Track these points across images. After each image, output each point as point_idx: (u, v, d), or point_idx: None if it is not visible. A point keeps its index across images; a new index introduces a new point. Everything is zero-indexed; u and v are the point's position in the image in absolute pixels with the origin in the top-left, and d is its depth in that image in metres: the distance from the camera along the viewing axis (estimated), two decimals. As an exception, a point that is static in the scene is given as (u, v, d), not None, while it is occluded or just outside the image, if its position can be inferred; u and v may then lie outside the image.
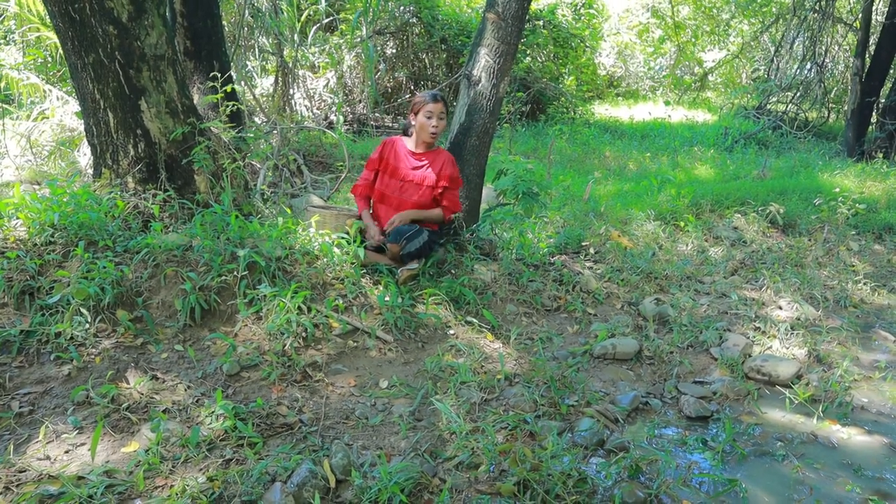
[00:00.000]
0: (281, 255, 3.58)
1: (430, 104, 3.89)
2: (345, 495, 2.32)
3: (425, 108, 3.90)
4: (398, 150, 4.08)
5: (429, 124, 3.91)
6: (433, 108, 3.90)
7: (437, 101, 3.90)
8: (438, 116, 3.91)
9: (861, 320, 4.58)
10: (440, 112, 3.92)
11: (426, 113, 3.90)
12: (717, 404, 3.22)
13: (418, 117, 3.93)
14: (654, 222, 5.76)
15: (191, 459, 2.46)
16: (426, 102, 3.90)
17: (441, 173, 4.00)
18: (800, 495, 2.53)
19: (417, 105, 3.94)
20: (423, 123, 3.92)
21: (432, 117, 3.90)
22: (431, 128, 3.91)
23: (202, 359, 3.15)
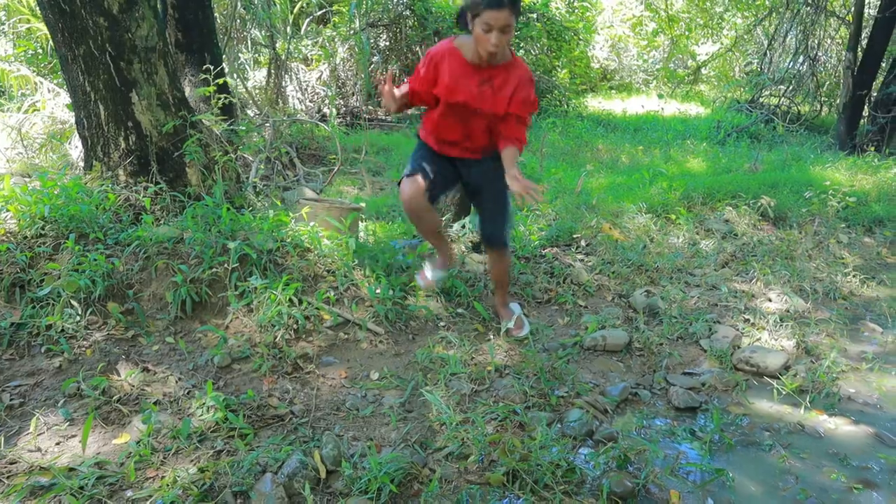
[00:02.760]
0: (272, 248, 3.59)
1: (490, 11, 2.70)
2: (335, 485, 2.34)
3: (483, 17, 2.74)
4: (456, 61, 3.03)
5: (487, 40, 2.78)
6: (493, 19, 2.71)
7: (502, 6, 2.69)
8: (500, 30, 2.75)
9: (850, 312, 4.62)
10: (504, 25, 2.74)
11: (483, 25, 2.75)
12: (706, 395, 3.25)
13: (475, 25, 2.81)
14: (645, 215, 5.78)
15: (182, 451, 2.47)
16: (486, 8, 2.71)
17: (514, 96, 3.05)
18: (786, 484, 2.56)
19: (475, 9, 2.76)
20: (478, 36, 2.82)
21: (492, 31, 2.75)
22: (491, 46, 2.80)
23: (193, 351, 3.15)
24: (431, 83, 3.12)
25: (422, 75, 3.13)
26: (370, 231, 4.61)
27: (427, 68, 3.10)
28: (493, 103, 3.06)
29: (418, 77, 3.15)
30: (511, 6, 2.72)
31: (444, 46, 3.06)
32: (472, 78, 3.03)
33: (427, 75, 3.11)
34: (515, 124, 3.13)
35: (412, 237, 4.71)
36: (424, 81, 3.13)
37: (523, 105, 3.09)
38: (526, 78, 3.06)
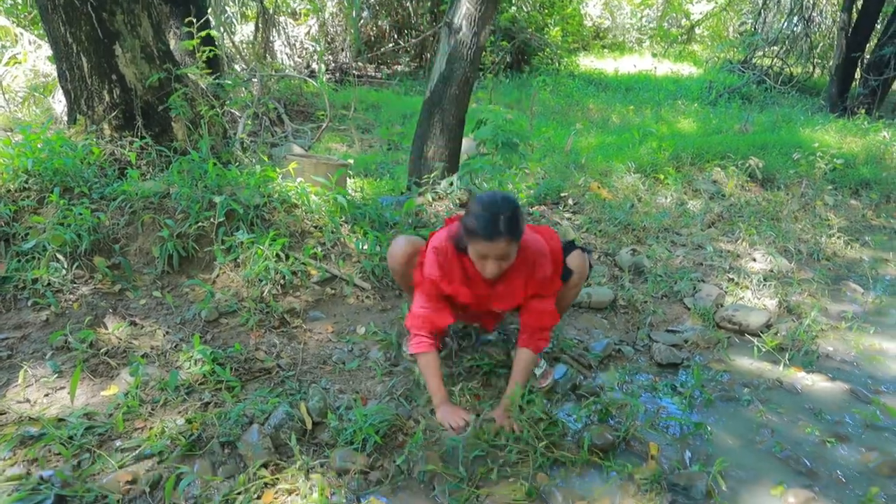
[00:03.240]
0: (259, 203, 3.58)
1: (483, 243, 2.27)
2: (321, 437, 2.38)
3: (476, 247, 2.32)
4: (462, 267, 2.56)
5: (483, 267, 2.37)
6: (487, 250, 2.29)
7: (497, 237, 2.25)
8: (497, 258, 2.32)
9: (832, 273, 4.68)
10: (501, 255, 2.30)
11: (476, 253, 2.34)
12: (688, 352, 3.31)
13: (469, 250, 2.38)
14: (634, 175, 5.79)
15: (170, 402, 2.49)
16: (478, 238, 2.27)
17: (528, 283, 2.56)
18: (762, 437, 2.62)
19: (469, 236, 2.32)
20: (476, 262, 2.39)
21: (487, 259, 2.33)
22: (488, 274, 2.37)
23: (180, 305, 3.16)
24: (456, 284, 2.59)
25: (445, 283, 2.56)
26: (358, 187, 4.60)
27: (440, 277, 2.55)
28: (505, 300, 2.61)
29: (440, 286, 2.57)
30: (508, 235, 2.25)
31: (445, 247, 2.54)
32: (479, 286, 2.57)
33: (449, 282, 2.57)
34: (539, 305, 2.59)
35: (400, 194, 4.70)
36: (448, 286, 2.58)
37: (544, 286, 2.57)
38: (536, 257, 2.53)
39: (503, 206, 2.27)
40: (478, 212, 2.26)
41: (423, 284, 2.58)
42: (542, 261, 2.54)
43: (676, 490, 2.25)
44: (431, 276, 2.54)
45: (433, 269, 2.53)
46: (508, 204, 2.28)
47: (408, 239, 2.77)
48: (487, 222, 2.23)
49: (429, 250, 2.58)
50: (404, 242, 2.75)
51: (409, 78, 11.56)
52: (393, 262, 2.79)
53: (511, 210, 2.26)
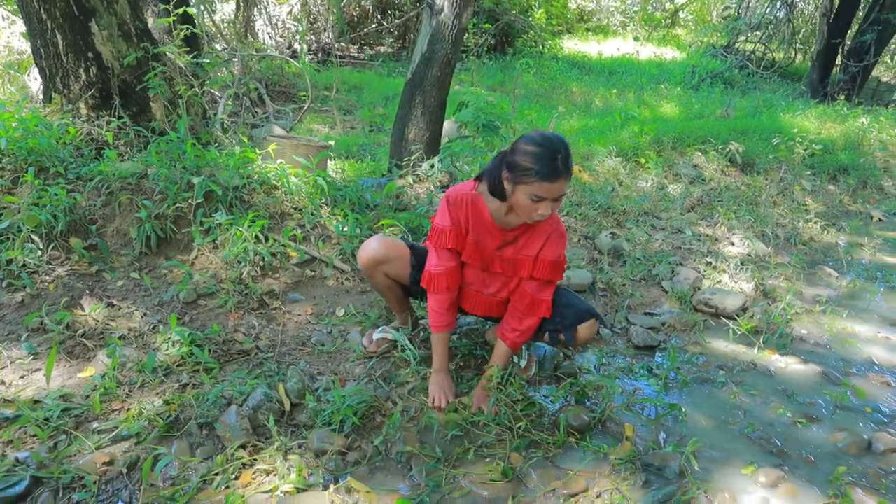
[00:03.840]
0: (238, 185, 3.55)
1: (544, 183, 2.08)
2: (299, 418, 2.38)
3: (533, 188, 2.10)
4: (478, 214, 2.42)
5: (535, 209, 2.16)
6: (548, 191, 2.10)
7: (559, 176, 2.07)
8: (554, 200, 2.15)
9: (808, 257, 4.74)
10: (560, 195, 2.15)
11: (532, 195, 2.11)
12: (665, 335, 3.35)
13: (516, 191, 2.16)
14: (615, 158, 5.81)
15: (147, 384, 2.49)
16: (538, 178, 2.07)
17: (539, 256, 2.44)
18: (735, 419, 2.66)
19: (522, 177, 2.10)
20: (523, 205, 2.18)
21: (543, 202, 2.14)
22: (539, 216, 2.18)
23: (158, 287, 3.15)
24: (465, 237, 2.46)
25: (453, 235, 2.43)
26: (339, 169, 4.58)
27: (455, 226, 2.42)
28: (513, 266, 2.49)
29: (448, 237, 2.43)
30: (568, 173, 2.10)
31: (465, 194, 2.40)
32: (492, 239, 2.45)
33: (459, 233, 2.44)
34: (535, 293, 2.48)
35: (381, 176, 4.69)
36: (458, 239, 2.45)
37: (552, 269, 2.44)
38: (557, 234, 2.41)
39: (559, 143, 2.09)
40: (533, 151, 2.07)
41: (434, 237, 2.45)
42: (561, 240, 2.43)
43: (650, 470, 2.28)
44: (443, 225, 2.42)
45: (444, 219, 2.42)
46: (562, 141, 2.12)
47: (381, 241, 2.61)
48: (550, 160, 2.05)
49: (442, 202, 2.45)
50: (376, 245, 2.60)
51: (392, 59, 11.48)
52: (360, 263, 2.65)
53: (566, 147, 2.10)
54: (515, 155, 2.12)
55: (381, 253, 2.59)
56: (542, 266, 2.42)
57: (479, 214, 2.41)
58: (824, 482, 2.28)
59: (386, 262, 2.60)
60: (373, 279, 2.70)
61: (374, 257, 2.59)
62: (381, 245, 2.60)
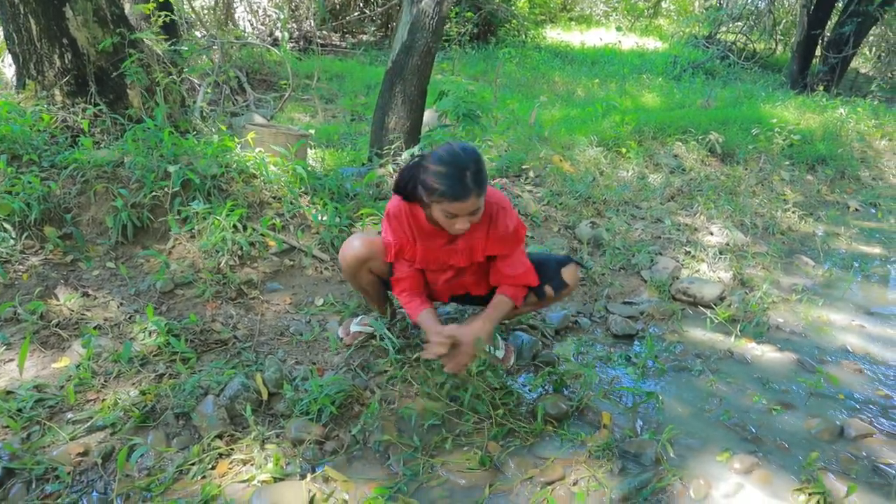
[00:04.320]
0: (216, 173, 3.52)
1: (452, 203, 2.08)
2: (277, 407, 2.38)
3: (443, 206, 2.11)
4: (418, 222, 2.41)
5: (451, 225, 2.19)
6: (457, 209, 2.10)
7: (467, 195, 2.06)
8: (467, 215, 2.15)
9: (786, 246, 4.79)
10: (472, 211, 2.13)
11: (443, 213, 2.14)
12: (643, 323, 3.37)
13: (433, 209, 2.18)
14: (596, 148, 5.82)
15: (123, 374, 2.47)
16: (445, 199, 2.08)
17: (489, 237, 2.42)
18: (711, 406, 2.69)
19: (432, 196, 2.10)
20: (443, 221, 2.20)
21: (456, 218, 2.15)
22: (457, 230, 2.20)
23: (135, 276, 3.12)
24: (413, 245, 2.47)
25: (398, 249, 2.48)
26: (319, 158, 4.55)
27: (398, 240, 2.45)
28: (469, 253, 2.47)
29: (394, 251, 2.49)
30: (477, 189, 2.06)
31: (401, 206, 2.38)
32: (439, 238, 2.43)
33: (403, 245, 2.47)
34: (512, 267, 2.49)
35: (361, 165, 4.67)
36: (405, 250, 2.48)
37: (504, 242, 2.43)
38: (498, 208, 2.37)
39: (466, 158, 2.06)
40: (440, 171, 2.05)
41: (391, 253, 2.49)
42: (503, 214, 2.38)
43: (627, 457, 2.30)
44: (387, 240, 2.47)
45: (387, 235, 2.46)
46: (470, 155, 2.08)
47: (363, 241, 2.55)
48: (454, 180, 2.03)
49: (384, 216, 2.47)
50: (359, 244, 2.54)
51: (374, 48, 11.40)
52: (344, 263, 2.60)
53: (475, 162, 2.07)
54: (426, 174, 2.10)
55: (364, 252, 2.54)
56: (496, 243, 2.43)
57: (418, 222, 2.40)
58: (797, 468, 2.31)
59: (370, 260, 2.57)
60: (356, 278, 2.64)
61: (358, 256, 2.55)
62: (364, 244, 2.55)
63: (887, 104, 10.74)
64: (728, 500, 2.15)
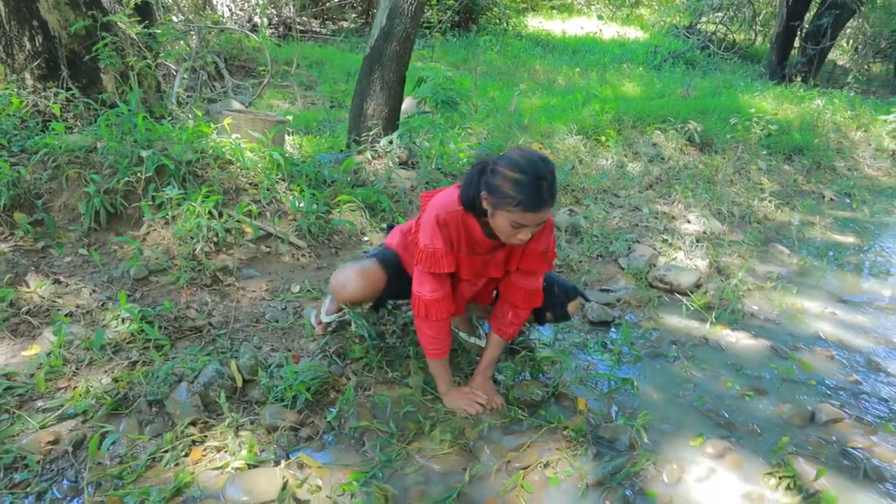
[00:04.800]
0: (192, 159, 3.47)
1: (528, 214, 1.96)
2: (251, 394, 2.36)
3: (514, 217, 1.97)
4: (469, 234, 2.24)
5: (514, 235, 2.04)
6: (530, 221, 1.99)
7: (543, 206, 1.97)
8: (536, 226, 2.04)
9: (762, 235, 4.83)
10: (541, 222, 2.04)
11: (513, 223, 1.99)
12: (620, 310, 3.39)
13: (496, 215, 2.02)
14: (576, 136, 5.83)
15: (95, 362, 2.44)
16: (520, 208, 1.95)
17: (527, 251, 2.30)
18: (685, 392, 2.72)
19: (503, 203, 1.97)
20: (503, 229, 2.04)
21: (523, 229, 2.02)
22: (518, 241, 2.06)
23: (108, 263, 3.07)
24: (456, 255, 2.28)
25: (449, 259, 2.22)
26: (297, 144, 4.51)
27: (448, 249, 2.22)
28: (501, 266, 2.37)
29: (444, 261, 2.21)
30: (552, 202, 1.99)
31: (455, 214, 2.18)
32: (483, 248, 2.29)
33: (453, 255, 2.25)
34: (527, 282, 2.38)
35: (339, 151, 4.63)
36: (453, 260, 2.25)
37: (541, 259, 2.32)
38: (544, 224, 2.19)
39: (545, 168, 1.95)
40: (516, 178, 1.93)
41: (426, 261, 2.20)
42: (548, 229, 2.29)
43: (601, 443, 2.32)
44: (436, 248, 2.18)
45: (438, 243, 2.18)
46: (548, 165, 1.98)
47: (361, 278, 2.41)
48: (532, 190, 1.92)
49: (430, 221, 2.19)
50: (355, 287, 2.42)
51: (354, 34, 11.31)
52: (338, 297, 2.50)
53: (552, 172, 1.97)
54: (496, 178, 1.98)
55: (360, 294, 2.45)
56: (530, 258, 2.30)
57: (470, 234, 2.22)
58: (769, 452, 2.35)
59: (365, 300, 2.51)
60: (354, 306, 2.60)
61: (353, 299, 2.48)
62: (361, 285, 2.42)
63: (863, 96, 10.86)
64: (700, 483, 2.17)
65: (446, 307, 2.27)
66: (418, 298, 2.26)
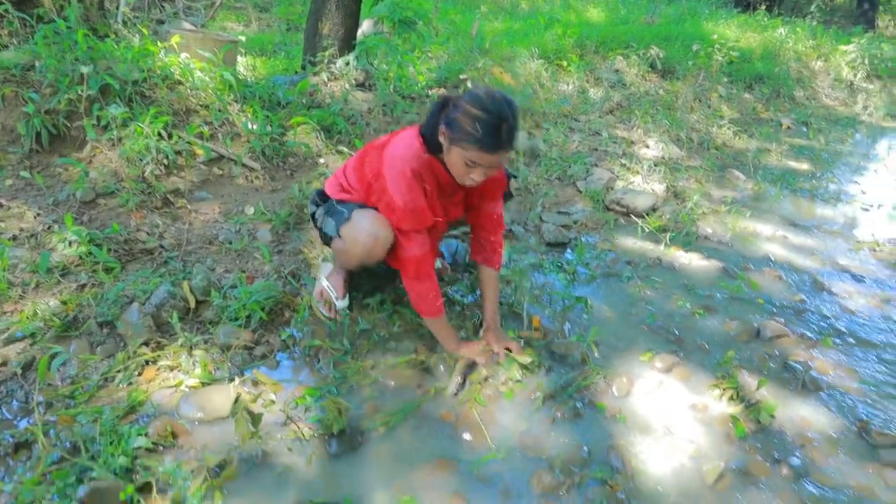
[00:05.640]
0: (138, 79, 3.33)
1: (481, 153, 1.88)
2: (205, 315, 2.34)
3: (469, 154, 1.89)
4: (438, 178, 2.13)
5: (466, 174, 1.97)
6: (482, 160, 1.91)
7: (499, 148, 1.90)
8: (488, 168, 1.96)
9: (719, 161, 4.88)
10: (495, 166, 1.97)
11: (467, 160, 1.91)
12: (576, 232, 3.41)
13: (451, 150, 1.94)
14: (538, 61, 5.74)
15: (42, 285, 2.38)
16: (477, 147, 1.87)
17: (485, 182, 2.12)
18: (638, 310, 2.77)
19: (460, 139, 1.89)
20: (456, 166, 1.97)
21: (476, 168, 1.95)
22: (469, 181, 1.99)
23: (52, 186, 2.97)
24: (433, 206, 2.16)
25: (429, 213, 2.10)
26: (250, 66, 4.36)
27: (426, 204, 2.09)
28: (461, 205, 2.32)
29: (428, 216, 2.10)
30: (510, 146, 1.93)
31: (424, 161, 2.07)
32: (449, 190, 2.19)
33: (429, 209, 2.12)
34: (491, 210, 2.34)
35: (294, 73, 4.49)
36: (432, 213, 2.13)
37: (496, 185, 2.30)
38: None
39: (508, 111, 1.88)
40: (477, 115, 1.85)
41: (409, 220, 2.06)
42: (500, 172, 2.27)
43: (554, 358, 2.36)
44: (416, 204, 2.05)
45: (418, 199, 2.05)
46: (512, 108, 1.90)
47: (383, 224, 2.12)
48: (493, 130, 1.85)
49: (404, 176, 2.03)
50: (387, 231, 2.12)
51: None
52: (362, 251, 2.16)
53: (515, 116, 1.90)
54: (457, 112, 1.89)
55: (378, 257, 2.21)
56: (492, 185, 2.25)
57: (439, 178, 2.12)
58: (715, 366, 2.42)
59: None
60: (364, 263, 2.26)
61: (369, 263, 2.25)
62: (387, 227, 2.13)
63: (825, 25, 10.86)
64: (648, 395, 2.24)
65: (431, 260, 2.18)
66: (406, 259, 2.13)
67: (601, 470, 1.87)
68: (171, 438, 1.83)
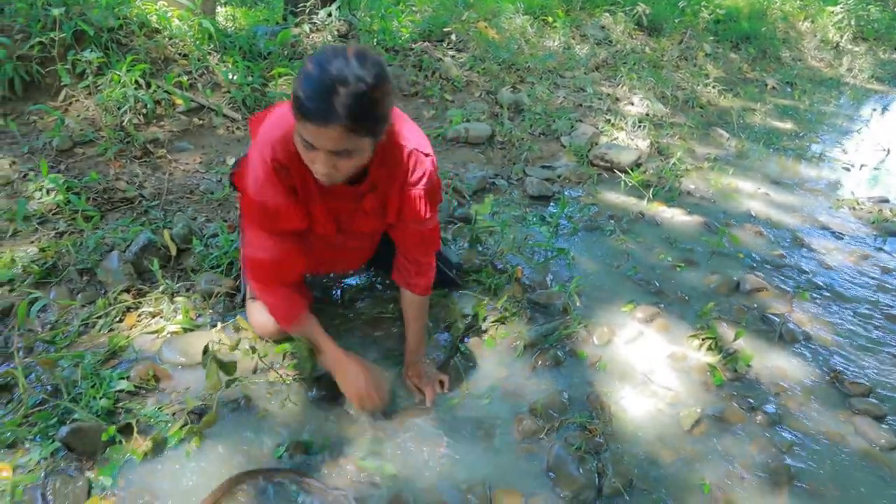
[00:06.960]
0: (114, 26, 3.25)
1: (309, 125, 1.32)
2: (186, 263, 2.32)
3: (300, 130, 1.37)
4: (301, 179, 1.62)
5: (310, 161, 1.44)
6: (314, 137, 1.34)
7: (327, 120, 1.30)
8: (328, 152, 1.37)
9: (704, 119, 4.88)
10: (334, 146, 1.36)
11: (301, 139, 1.39)
12: (560, 186, 3.41)
13: (295, 132, 1.41)
14: (523, 16, 5.67)
15: (20, 233, 2.35)
16: (303, 118, 1.32)
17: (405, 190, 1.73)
18: (620, 262, 2.79)
19: (294, 109, 1.34)
20: (301, 150, 1.44)
21: (315, 151, 1.39)
22: (316, 173, 1.46)
23: (28, 133, 2.92)
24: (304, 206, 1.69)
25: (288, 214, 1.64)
26: (230, 16, 4.26)
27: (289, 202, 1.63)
28: (373, 217, 1.80)
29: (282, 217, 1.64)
30: (348, 121, 1.30)
31: (286, 146, 1.54)
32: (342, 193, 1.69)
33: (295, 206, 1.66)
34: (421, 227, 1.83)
35: (275, 24, 4.40)
36: (297, 214, 1.67)
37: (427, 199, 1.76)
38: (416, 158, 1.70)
39: (350, 72, 1.29)
40: (311, 72, 1.31)
41: (254, 213, 1.65)
42: (421, 167, 1.71)
43: (536, 308, 2.38)
44: (268, 201, 1.60)
45: (265, 188, 1.59)
46: (362, 68, 1.31)
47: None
48: (321, 93, 1.28)
49: (261, 162, 1.57)
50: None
51: None
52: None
53: (362, 82, 1.30)
54: (297, 78, 1.36)
55: None
56: (412, 201, 1.74)
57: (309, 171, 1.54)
58: (694, 317, 2.45)
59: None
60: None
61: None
62: None
63: (813, -15, 10.79)
64: (629, 344, 2.26)
65: (289, 270, 1.74)
66: (249, 259, 1.74)
67: (580, 415, 1.90)
68: (154, 382, 1.83)
